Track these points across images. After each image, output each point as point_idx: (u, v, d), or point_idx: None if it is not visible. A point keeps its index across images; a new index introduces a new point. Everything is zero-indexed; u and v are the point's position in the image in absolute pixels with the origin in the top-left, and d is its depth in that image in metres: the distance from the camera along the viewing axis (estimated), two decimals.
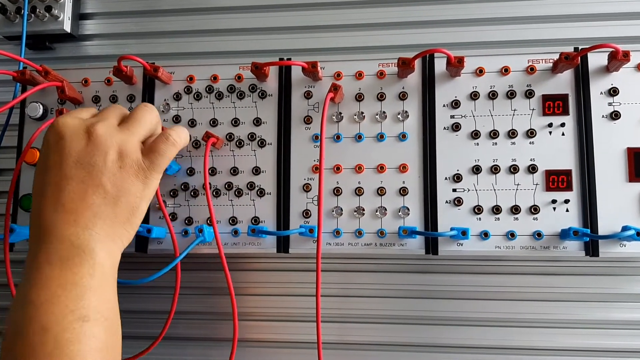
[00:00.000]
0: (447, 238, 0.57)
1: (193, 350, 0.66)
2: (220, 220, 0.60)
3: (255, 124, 0.61)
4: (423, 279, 0.64)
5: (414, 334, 0.63)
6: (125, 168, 0.47)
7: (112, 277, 0.46)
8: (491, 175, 0.58)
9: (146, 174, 0.48)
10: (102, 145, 0.46)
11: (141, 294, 0.66)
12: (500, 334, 0.62)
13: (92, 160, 0.46)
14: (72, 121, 0.47)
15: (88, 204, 0.45)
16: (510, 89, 0.58)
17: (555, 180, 0.57)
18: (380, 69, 0.60)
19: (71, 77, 0.63)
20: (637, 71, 0.57)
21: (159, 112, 0.62)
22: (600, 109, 0.57)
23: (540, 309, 0.62)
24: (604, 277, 0.62)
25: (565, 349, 0.61)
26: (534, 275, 0.62)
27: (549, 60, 0.58)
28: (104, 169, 0.46)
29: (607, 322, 0.61)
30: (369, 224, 0.59)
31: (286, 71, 0.62)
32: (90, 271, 0.43)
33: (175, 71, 0.63)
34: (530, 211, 0.57)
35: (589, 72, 0.58)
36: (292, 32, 0.70)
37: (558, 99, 0.58)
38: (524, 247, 0.57)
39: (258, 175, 0.60)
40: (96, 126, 0.47)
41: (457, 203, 0.58)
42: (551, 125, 0.58)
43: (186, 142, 0.54)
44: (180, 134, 0.52)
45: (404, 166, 0.59)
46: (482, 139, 0.58)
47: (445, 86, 0.59)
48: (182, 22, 0.73)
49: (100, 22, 0.75)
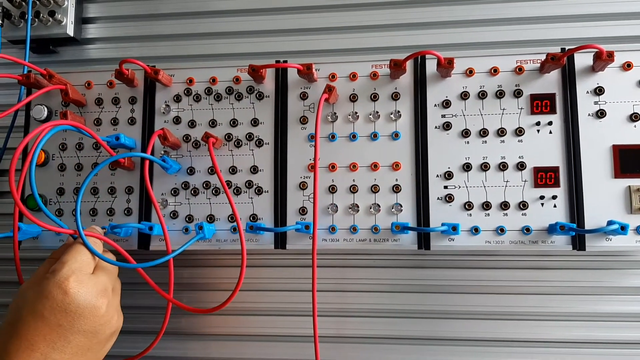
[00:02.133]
0: (439, 233, 0.59)
1: (194, 344, 0.68)
2: (220, 218, 0.62)
3: (252, 125, 0.63)
4: (416, 274, 0.66)
5: (408, 327, 0.65)
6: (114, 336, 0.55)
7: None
8: (481, 172, 0.60)
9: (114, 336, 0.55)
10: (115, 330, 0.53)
11: (143, 291, 0.68)
12: (491, 326, 0.64)
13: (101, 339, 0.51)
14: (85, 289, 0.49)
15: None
16: (500, 88, 0.60)
17: (543, 177, 0.59)
18: (373, 70, 0.62)
19: (74, 80, 0.65)
20: (622, 71, 0.59)
21: (160, 114, 0.64)
22: (587, 107, 0.59)
23: (529, 302, 0.64)
24: (591, 271, 0.64)
25: (554, 341, 0.63)
26: (523, 270, 0.64)
27: (537, 60, 0.60)
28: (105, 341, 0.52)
29: (595, 315, 0.63)
30: (363, 221, 0.60)
31: (282, 73, 0.63)
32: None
33: (175, 74, 0.65)
34: (519, 207, 0.58)
35: (575, 72, 0.59)
36: (288, 34, 0.72)
37: (546, 98, 0.60)
38: (513, 241, 0.58)
39: (256, 174, 0.62)
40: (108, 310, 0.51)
41: (449, 199, 0.59)
42: (539, 123, 0.59)
43: None
44: None
45: (396, 164, 0.60)
46: (472, 137, 0.60)
47: (436, 86, 0.61)
48: (182, 25, 0.75)
49: (102, 26, 0.77)
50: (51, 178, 0.65)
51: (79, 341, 0.48)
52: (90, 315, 0.48)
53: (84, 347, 0.48)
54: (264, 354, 0.66)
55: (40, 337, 0.46)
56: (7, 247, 0.69)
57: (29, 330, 0.46)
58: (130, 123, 0.65)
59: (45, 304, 0.47)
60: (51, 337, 0.46)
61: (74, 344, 0.47)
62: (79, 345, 0.48)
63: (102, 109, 0.65)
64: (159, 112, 0.64)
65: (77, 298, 0.47)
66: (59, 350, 0.46)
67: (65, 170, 0.64)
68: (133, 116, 0.65)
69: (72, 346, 0.47)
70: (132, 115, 0.65)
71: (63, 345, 0.47)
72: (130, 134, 0.64)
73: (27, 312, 0.47)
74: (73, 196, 0.64)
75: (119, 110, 0.65)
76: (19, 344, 0.45)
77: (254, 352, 0.67)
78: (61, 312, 0.47)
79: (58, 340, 0.46)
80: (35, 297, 0.47)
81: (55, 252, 0.54)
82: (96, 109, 0.65)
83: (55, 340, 0.46)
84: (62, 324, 0.47)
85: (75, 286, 0.47)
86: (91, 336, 0.49)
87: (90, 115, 0.65)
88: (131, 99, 0.65)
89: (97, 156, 0.64)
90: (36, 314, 0.46)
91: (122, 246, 0.61)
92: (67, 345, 0.47)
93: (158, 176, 0.63)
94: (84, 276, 0.49)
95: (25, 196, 0.63)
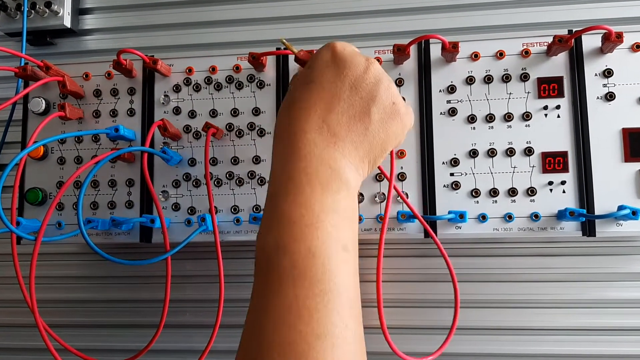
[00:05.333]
0: (446, 221, 0.58)
1: (199, 337, 0.67)
2: (222, 209, 0.61)
3: (254, 114, 0.62)
4: (422, 263, 0.65)
5: (414, 316, 0.64)
6: (396, 106, 0.45)
7: (357, 209, 0.45)
8: (488, 158, 0.59)
9: (404, 123, 0.47)
10: (381, 78, 0.45)
11: (150, 284, 0.68)
12: (499, 315, 0.63)
13: (369, 89, 0.44)
14: (350, 48, 0.46)
15: (352, 131, 0.43)
16: (506, 72, 0.59)
17: (552, 162, 0.58)
18: (376, 56, 0.61)
19: (72, 71, 0.64)
20: (631, 52, 0.57)
21: (160, 105, 0.63)
22: (595, 90, 0.58)
23: (538, 289, 0.63)
24: (601, 257, 0.63)
25: (563, 328, 0.62)
26: (531, 257, 0.63)
27: (544, 43, 0.59)
28: (378, 101, 0.44)
29: (605, 301, 0.62)
30: (368, 210, 0.59)
31: (283, 61, 0.62)
32: (347, 201, 0.42)
33: (174, 63, 0.64)
34: (527, 193, 0.57)
35: (583, 54, 0.58)
36: (289, 21, 0.71)
37: (553, 81, 0.58)
38: (521, 228, 0.57)
39: (258, 164, 0.61)
40: (374, 62, 0.46)
41: (455, 187, 0.58)
42: (546, 107, 0.58)
43: None
44: None
45: (401, 152, 0.59)
46: (478, 123, 0.59)
47: (441, 72, 0.60)
48: (180, 14, 0.73)
49: (99, 17, 0.75)
50: (50, 171, 0.64)
51: (354, 101, 0.44)
52: (359, 65, 0.44)
53: (360, 113, 0.44)
54: None
55: (316, 99, 0.43)
56: (6, 243, 0.68)
57: (302, 96, 0.44)
58: (130, 114, 0.63)
59: (313, 69, 0.45)
60: (325, 97, 0.43)
61: (349, 103, 0.43)
62: (355, 108, 0.44)
63: (100, 101, 0.64)
64: (158, 102, 0.63)
65: (344, 53, 0.45)
66: (335, 112, 0.43)
67: (64, 164, 0.64)
68: (132, 107, 0.64)
69: (347, 107, 0.43)
70: (131, 106, 0.64)
71: (338, 106, 0.43)
72: (130, 126, 0.63)
73: (299, 83, 0.45)
74: (73, 190, 0.63)
75: (117, 101, 0.64)
76: (298, 112, 0.43)
77: None
78: (329, 69, 0.44)
79: (332, 100, 0.43)
80: (302, 72, 0.46)
81: None
82: (95, 100, 0.64)
83: (330, 101, 0.43)
84: (332, 80, 0.44)
85: (340, 46, 0.45)
86: (367, 98, 0.44)
87: (88, 107, 0.64)
88: (130, 90, 0.64)
89: (97, 148, 0.63)
90: (306, 80, 0.45)
91: (124, 239, 0.61)
92: (341, 105, 0.43)
93: (159, 168, 0.63)
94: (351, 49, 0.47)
95: (25, 190, 0.63)
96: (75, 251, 0.70)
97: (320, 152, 0.42)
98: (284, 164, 0.42)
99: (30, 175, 0.64)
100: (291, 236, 0.39)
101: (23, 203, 0.63)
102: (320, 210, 0.40)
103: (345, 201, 0.42)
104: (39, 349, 0.69)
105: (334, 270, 0.38)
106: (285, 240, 0.39)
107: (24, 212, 0.63)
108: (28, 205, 0.63)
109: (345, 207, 0.42)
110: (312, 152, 0.42)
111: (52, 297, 0.70)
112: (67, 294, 0.70)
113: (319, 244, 0.39)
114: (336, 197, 0.41)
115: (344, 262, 0.40)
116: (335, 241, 0.40)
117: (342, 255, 0.40)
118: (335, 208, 0.41)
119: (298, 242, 0.39)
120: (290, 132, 0.43)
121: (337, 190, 0.41)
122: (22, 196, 0.63)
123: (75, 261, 0.70)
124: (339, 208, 0.41)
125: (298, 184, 0.41)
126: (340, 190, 0.42)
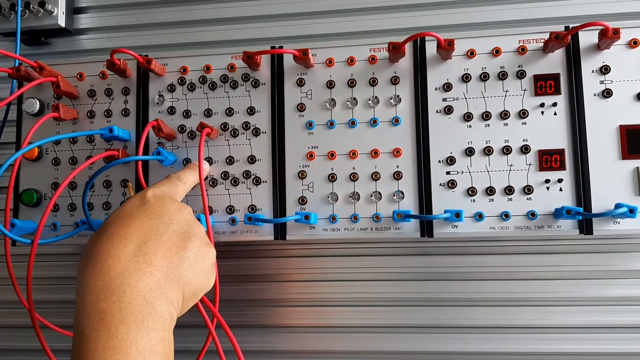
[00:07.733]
0: (442, 220, 0.58)
1: (196, 338, 0.67)
2: (218, 210, 0.61)
3: (249, 113, 0.62)
4: (419, 262, 0.65)
5: (411, 315, 0.64)
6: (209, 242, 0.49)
7: (172, 341, 0.43)
8: (484, 156, 0.58)
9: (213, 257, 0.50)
10: (193, 218, 0.49)
11: None
12: (496, 313, 0.63)
13: (185, 224, 0.47)
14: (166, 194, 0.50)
15: (169, 262, 0.44)
16: (502, 70, 0.58)
17: (549, 160, 0.57)
18: (371, 54, 0.60)
19: (66, 71, 0.64)
20: (628, 48, 0.57)
21: (154, 105, 0.63)
22: (592, 87, 0.57)
23: (535, 287, 0.63)
24: (598, 255, 0.62)
25: (561, 326, 0.62)
26: (528, 255, 0.63)
27: (540, 40, 0.58)
28: (194, 235, 0.47)
29: (603, 299, 0.62)
30: (364, 209, 0.59)
31: (278, 59, 0.62)
32: (162, 336, 0.41)
33: (168, 63, 0.63)
34: (524, 191, 0.57)
35: (580, 50, 0.57)
36: (283, 19, 0.71)
37: (549, 78, 0.58)
38: (518, 227, 0.57)
39: (253, 163, 0.61)
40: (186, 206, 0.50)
41: (451, 185, 0.58)
42: (543, 105, 0.58)
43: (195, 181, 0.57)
44: None
45: (397, 150, 0.59)
46: (474, 121, 0.59)
47: (437, 69, 0.60)
48: (174, 13, 0.73)
49: (94, 16, 0.75)
50: (45, 173, 0.63)
51: (170, 236, 0.45)
52: (173, 204, 0.48)
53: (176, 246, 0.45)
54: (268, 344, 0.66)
55: (135, 230, 0.44)
56: None
57: (119, 226, 0.44)
58: (124, 114, 0.63)
59: (126, 206, 0.46)
60: (142, 230, 0.44)
61: (166, 237, 0.45)
62: (172, 241, 0.45)
63: (95, 101, 0.64)
64: (152, 102, 0.63)
65: (162, 196, 0.48)
66: (152, 242, 0.43)
67: (59, 165, 0.63)
68: (127, 107, 0.63)
69: (164, 240, 0.44)
70: (126, 106, 0.63)
71: (155, 238, 0.44)
72: (124, 126, 0.62)
73: (115, 217, 0.46)
74: (69, 191, 0.63)
75: (112, 101, 0.64)
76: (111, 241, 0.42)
77: (253, 342, 0.66)
78: (146, 207, 0.46)
79: (150, 232, 0.44)
80: (121, 207, 0.47)
81: None
82: (89, 100, 0.64)
83: (147, 233, 0.44)
84: (151, 217, 0.45)
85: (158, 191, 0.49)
86: (183, 236, 0.46)
87: (83, 108, 0.64)
88: (124, 90, 0.64)
89: (92, 149, 0.63)
90: (124, 214, 0.45)
91: None
92: (159, 237, 0.44)
93: (154, 169, 0.62)
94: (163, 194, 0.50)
95: (20, 191, 0.62)
96: (71, 252, 0.70)
97: (135, 282, 0.40)
98: (96, 298, 0.40)
99: (24, 177, 0.64)
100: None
101: (18, 204, 0.63)
102: (136, 353, 0.38)
103: (162, 336, 0.41)
104: (34, 349, 0.69)
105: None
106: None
107: (19, 214, 0.63)
108: (23, 206, 0.63)
109: (162, 342, 0.40)
110: (126, 282, 0.40)
111: (48, 298, 0.70)
112: (64, 295, 0.70)
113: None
114: (152, 334, 0.40)
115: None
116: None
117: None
118: (152, 348, 0.39)
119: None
120: (102, 262, 0.41)
121: (153, 328, 0.40)
122: (16, 197, 0.63)
123: (72, 262, 0.70)
124: (156, 347, 0.40)
125: (109, 321, 0.39)
126: (157, 327, 0.40)
